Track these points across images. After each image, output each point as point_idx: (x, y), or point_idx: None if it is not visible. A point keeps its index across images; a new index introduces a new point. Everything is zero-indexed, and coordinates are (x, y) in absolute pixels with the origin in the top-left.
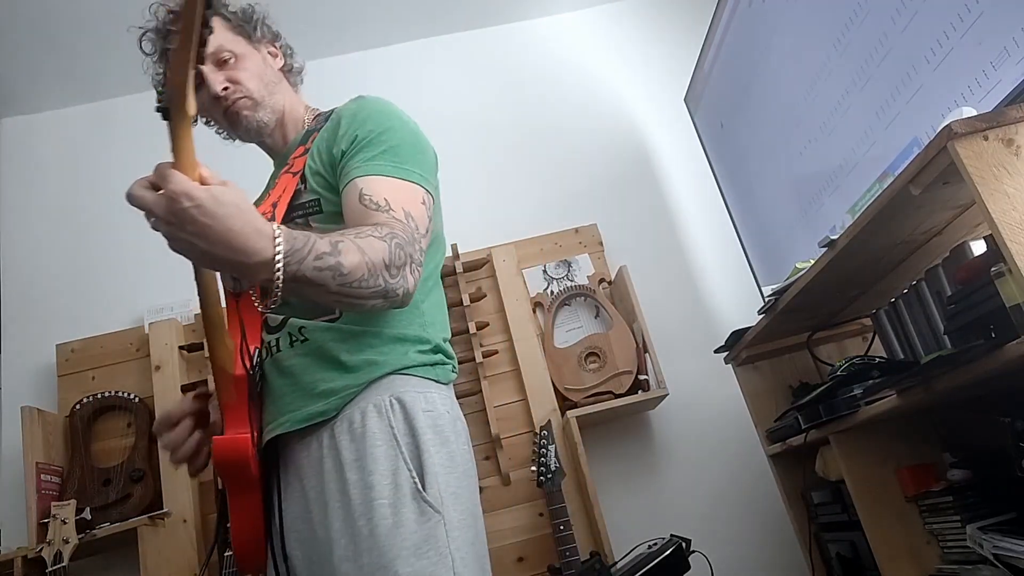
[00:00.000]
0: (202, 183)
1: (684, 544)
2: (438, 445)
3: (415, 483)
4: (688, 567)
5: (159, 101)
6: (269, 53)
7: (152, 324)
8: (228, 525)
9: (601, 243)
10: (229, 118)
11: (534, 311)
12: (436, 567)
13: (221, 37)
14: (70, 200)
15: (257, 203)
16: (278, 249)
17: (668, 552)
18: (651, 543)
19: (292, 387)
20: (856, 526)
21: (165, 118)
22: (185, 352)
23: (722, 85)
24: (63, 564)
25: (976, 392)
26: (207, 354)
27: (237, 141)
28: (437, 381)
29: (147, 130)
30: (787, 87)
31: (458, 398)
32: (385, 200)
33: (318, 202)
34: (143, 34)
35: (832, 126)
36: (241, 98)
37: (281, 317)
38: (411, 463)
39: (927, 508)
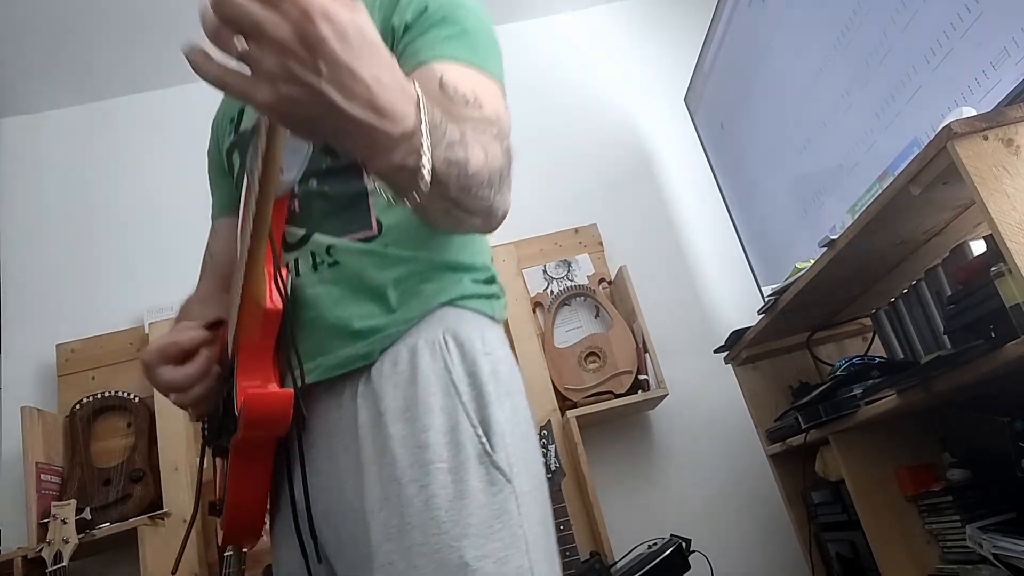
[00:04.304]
0: None
1: (684, 544)
2: (503, 396)
3: (482, 443)
4: (688, 567)
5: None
6: None
7: (152, 324)
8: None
9: (601, 243)
10: None
11: (534, 311)
12: (509, 551)
13: None
14: (71, 200)
15: None
16: (423, 118)
17: (668, 552)
18: (651, 543)
19: (318, 323)
20: (856, 526)
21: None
22: None
23: (722, 85)
24: (63, 564)
25: (976, 392)
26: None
27: None
28: (493, 318)
29: (147, 130)
30: (787, 87)
31: None
32: (475, 95)
33: None
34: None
35: (832, 126)
36: None
37: (302, 232)
38: (474, 417)
39: (927, 508)
